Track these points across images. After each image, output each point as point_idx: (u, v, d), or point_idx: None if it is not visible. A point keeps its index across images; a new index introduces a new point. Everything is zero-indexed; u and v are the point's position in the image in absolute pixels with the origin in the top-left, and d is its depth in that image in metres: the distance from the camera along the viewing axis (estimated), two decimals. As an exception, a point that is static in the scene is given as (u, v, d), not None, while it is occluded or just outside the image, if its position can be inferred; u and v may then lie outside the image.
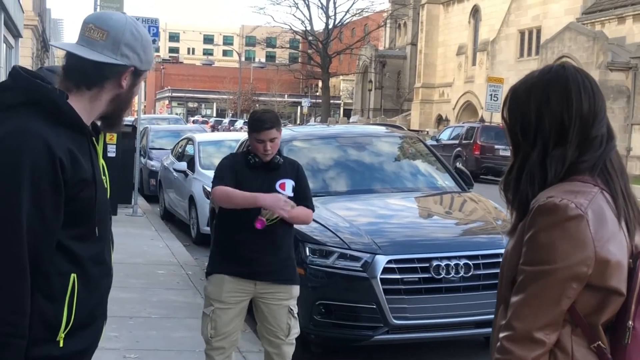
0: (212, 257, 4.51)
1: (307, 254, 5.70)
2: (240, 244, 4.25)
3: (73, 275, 2.05)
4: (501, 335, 1.83)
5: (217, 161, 8.56)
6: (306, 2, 51.94)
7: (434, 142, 26.99)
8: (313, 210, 4.50)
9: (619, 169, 1.92)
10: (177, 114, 60.91)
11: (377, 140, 8.01)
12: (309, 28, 52.27)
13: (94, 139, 2.17)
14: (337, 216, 6.11)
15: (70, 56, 2.14)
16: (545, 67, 2.01)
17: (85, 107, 2.11)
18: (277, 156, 4.38)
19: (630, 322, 1.81)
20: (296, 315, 4.42)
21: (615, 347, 1.82)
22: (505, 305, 1.89)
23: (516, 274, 1.86)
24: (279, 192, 4.31)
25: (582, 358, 1.81)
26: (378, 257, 5.54)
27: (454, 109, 48.24)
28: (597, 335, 1.82)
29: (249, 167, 4.35)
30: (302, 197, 4.42)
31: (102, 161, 2.24)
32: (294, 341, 4.47)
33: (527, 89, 1.98)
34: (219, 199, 4.26)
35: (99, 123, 2.23)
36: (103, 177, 2.21)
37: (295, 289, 4.43)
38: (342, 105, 75.34)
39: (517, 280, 1.84)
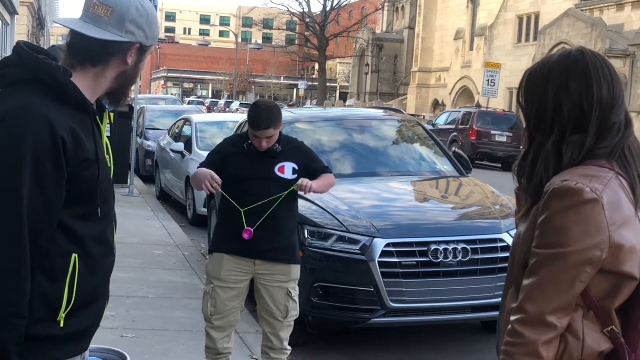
0: (214, 235, 4.55)
1: (306, 236, 5.71)
2: (242, 222, 4.24)
3: (74, 255, 2.03)
4: (512, 318, 1.82)
5: (214, 142, 8.55)
6: (304, -17, 51.72)
7: (430, 127, 26.98)
8: (331, 172, 4.55)
9: (637, 155, 1.91)
10: (172, 94, 60.70)
11: (376, 123, 8.00)
12: (306, 10, 52.08)
13: (97, 117, 2.14)
14: (336, 199, 6.10)
15: (74, 33, 2.09)
16: (563, 51, 1.98)
17: (90, 85, 2.08)
18: (276, 144, 4.34)
19: None
20: (295, 298, 4.43)
21: (627, 332, 1.82)
22: (516, 288, 1.89)
23: (529, 257, 1.85)
24: (278, 176, 4.31)
25: (593, 342, 1.81)
26: (376, 240, 5.55)
27: (450, 93, 48.21)
28: (610, 320, 1.81)
29: (246, 153, 4.34)
30: (314, 168, 4.43)
31: (106, 140, 2.20)
32: (292, 323, 4.48)
33: (544, 74, 1.95)
34: (192, 181, 4.41)
35: (104, 100, 2.21)
36: (107, 156, 2.18)
37: (295, 270, 4.43)
38: (338, 88, 75.19)
39: (530, 263, 1.83)
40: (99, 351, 2.78)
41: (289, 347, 4.50)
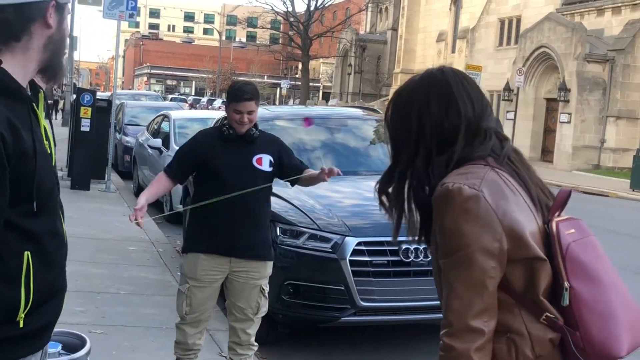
0: (188, 235, 4.52)
1: (278, 233, 5.70)
2: (217, 220, 4.24)
3: (27, 253, 1.93)
4: (441, 333, 1.81)
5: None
6: (288, -18, 51.67)
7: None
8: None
9: (521, 161, 1.96)
10: (155, 91, 60.43)
11: (353, 122, 8.01)
12: (290, 9, 52.00)
13: (34, 104, 2.00)
14: (309, 197, 6.10)
15: None
16: (426, 71, 2.01)
17: (20, 63, 1.95)
18: (253, 129, 4.35)
19: (566, 283, 1.80)
20: (267, 294, 4.43)
21: (563, 312, 1.81)
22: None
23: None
24: (255, 167, 4.30)
25: (539, 333, 1.81)
26: (348, 239, 5.55)
27: (432, 95, 48.24)
28: (542, 308, 1.81)
29: (223, 140, 4.32)
30: (295, 166, 4.46)
31: (44, 123, 2.05)
32: (260, 319, 4.49)
33: (407, 94, 1.98)
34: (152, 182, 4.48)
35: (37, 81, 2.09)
36: (45, 142, 2.03)
37: (269, 267, 4.43)
38: (321, 88, 75.14)
39: (442, 275, 1.84)
40: (60, 335, 2.75)
41: (256, 344, 4.50)
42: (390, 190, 1.99)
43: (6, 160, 1.83)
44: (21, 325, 1.94)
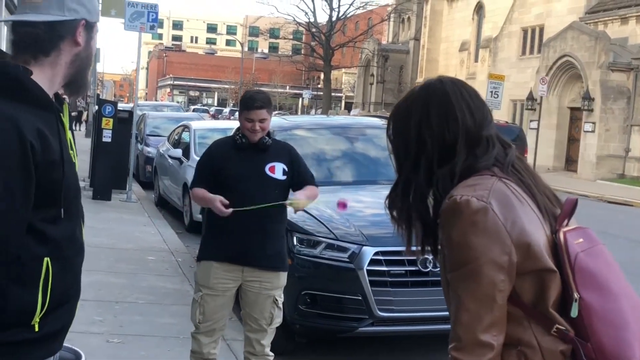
0: (203, 243, 4.51)
1: (295, 243, 5.68)
2: (231, 229, 4.23)
3: (46, 259, 1.98)
4: (449, 347, 1.78)
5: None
6: (310, -7, 51.80)
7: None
8: (316, 184, 4.54)
9: (525, 168, 1.93)
10: (178, 102, 60.79)
11: (372, 132, 7.98)
12: (312, 20, 52.07)
13: (60, 114, 2.09)
14: (327, 206, 6.07)
15: (18, 27, 2.04)
16: (425, 82, 1.99)
17: (48, 77, 2.04)
18: (266, 137, 4.35)
19: (575, 294, 1.77)
20: (281, 305, 4.41)
21: (574, 323, 1.78)
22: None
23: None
24: (268, 176, 4.29)
25: (550, 345, 1.78)
26: (365, 248, 5.52)
27: (455, 105, 48.10)
28: (552, 320, 1.78)
29: (237, 149, 4.32)
30: (303, 177, 4.44)
31: (69, 135, 2.15)
32: (275, 329, 4.47)
33: (407, 106, 1.95)
34: (195, 201, 4.53)
35: (61, 93, 2.17)
36: (70, 152, 2.13)
37: (283, 278, 4.41)
38: (343, 98, 75.18)
39: (450, 288, 1.81)
40: None
41: (271, 354, 4.48)
42: (397, 203, 1.97)
43: (34, 169, 1.90)
44: (36, 329, 1.98)
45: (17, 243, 1.92)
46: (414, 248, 2.03)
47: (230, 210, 4.12)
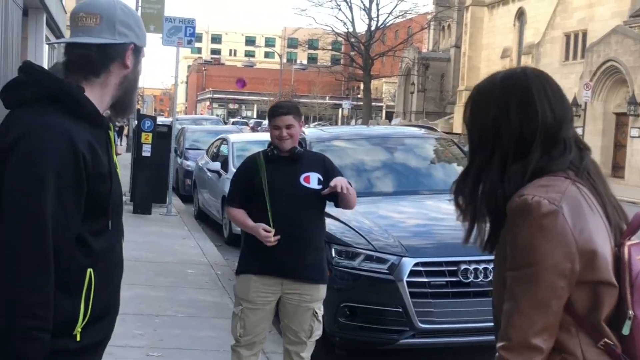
0: (241, 257, 4.49)
1: (333, 255, 5.63)
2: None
3: (89, 270, 2.06)
4: (498, 345, 1.76)
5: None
6: (348, 3, 51.73)
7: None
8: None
9: (598, 174, 1.87)
10: (217, 115, 61.26)
11: (412, 141, 7.91)
12: (351, 30, 52.06)
13: (109, 131, 2.21)
14: (365, 217, 6.01)
15: (71, 48, 2.15)
16: (508, 70, 1.91)
17: (97, 96, 2.13)
18: (298, 147, 4.31)
19: (630, 312, 1.71)
20: (320, 318, 4.37)
21: (622, 340, 1.73)
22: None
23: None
24: (304, 186, 4.25)
25: (594, 358, 1.73)
26: (405, 259, 5.44)
27: (497, 112, 47.71)
28: (602, 333, 1.73)
29: (270, 161, 4.29)
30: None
31: (114, 151, 2.26)
32: (314, 342, 4.42)
33: (486, 93, 1.89)
34: (233, 222, 4.58)
35: (107, 114, 2.26)
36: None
37: (322, 290, 4.36)
38: (384, 107, 75.06)
39: (507, 287, 1.76)
40: None
41: (310, 367, 4.43)
42: (465, 191, 1.91)
43: (85, 180, 2.00)
44: (78, 338, 2.05)
45: (67, 253, 1.99)
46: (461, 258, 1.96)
47: (277, 237, 4.12)
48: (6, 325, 1.90)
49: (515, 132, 1.81)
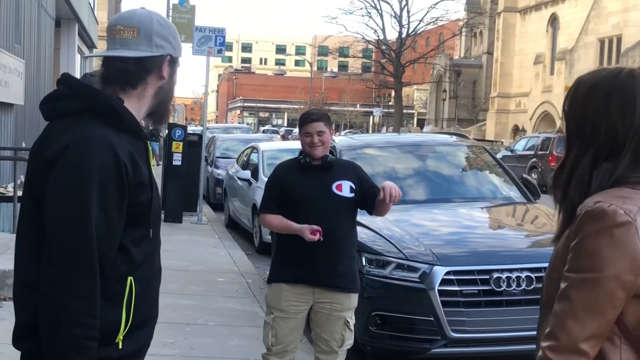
0: (273, 266, 4.48)
1: (364, 263, 5.59)
2: (301, 250, 4.19)
3: (130, 278, 2.09)
4: (544, 344, 1.73)
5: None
6: (379, 11, 51.78)
7: (509, 153, 26.36)
8: None
9: None
10: (248, 123, 61.61)
11: (444, 149, 7.84)
12: (381, 37, 52.03)
13: (147, 142, 2.25)
14: (396, 225, 5.96)
15: (110, 62, 2.18)
16: (614, 69, 1.88)
17: (134, 107, 2.16)
18: (329, 155, 4.30)
19: None
20: (352, 327, 4.34)
21: None
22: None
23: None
24: (336, 194, 4.23)
25: None
26: (436, 268, 5.38)
27: (530, 119, 47.35)
28: None
29: (301, 169, 4.28)
30: (373, 192, 4.29)
31: (151, 161, 2.30)
32: (346, 351, 4.40)
33: (589, 88, 1.86)
34: (270, 228, 4.52)
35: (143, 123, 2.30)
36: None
37: (354, 299, 4.34)
38: (415, 114, 74.91)
39: (561, 287, 1.75)
40: None
41: (341, 376, 4.39)
42: (560, 183, 1.91)
43: (127, 190, 2.04)
44: (120, 346, 2.08)
45: (110, 261, 2.03)
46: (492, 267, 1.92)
47: (318, 236, 4.10)
48: (57, 334, 1.93)
49: (612, 129, 1.80)
